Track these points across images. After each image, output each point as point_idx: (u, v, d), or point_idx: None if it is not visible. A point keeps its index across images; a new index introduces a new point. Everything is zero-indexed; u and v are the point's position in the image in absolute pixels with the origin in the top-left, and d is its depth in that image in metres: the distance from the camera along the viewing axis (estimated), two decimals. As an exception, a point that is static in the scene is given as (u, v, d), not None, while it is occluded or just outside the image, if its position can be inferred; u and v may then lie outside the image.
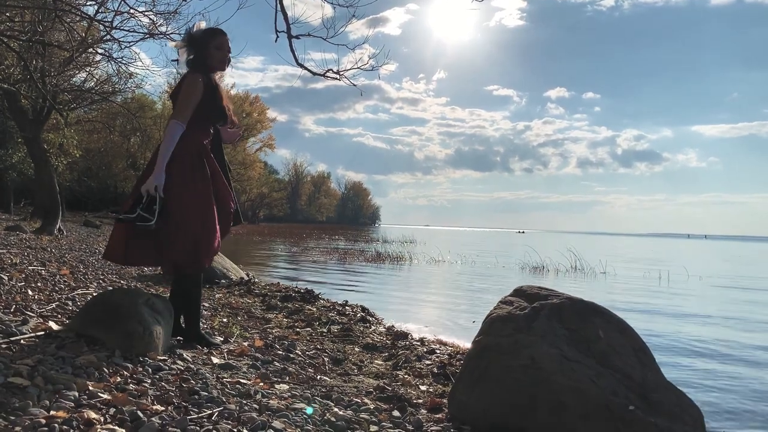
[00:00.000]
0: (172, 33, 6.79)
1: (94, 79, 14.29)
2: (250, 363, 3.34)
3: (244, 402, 2.52)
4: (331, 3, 5.60)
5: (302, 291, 7.21)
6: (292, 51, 5.71)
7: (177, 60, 3.57)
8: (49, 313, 3.75)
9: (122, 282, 6.44)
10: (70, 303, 4.26)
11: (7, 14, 6.71)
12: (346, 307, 6.41)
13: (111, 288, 5.83)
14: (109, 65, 11.01)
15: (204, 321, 4.81)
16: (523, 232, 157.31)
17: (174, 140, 3.27)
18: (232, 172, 3.85)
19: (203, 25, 3.58)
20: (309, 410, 2.52)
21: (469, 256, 21.46)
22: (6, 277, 4.92)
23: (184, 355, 3.23)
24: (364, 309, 6.47)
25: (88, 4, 7.97)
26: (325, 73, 5.72)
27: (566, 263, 16.35)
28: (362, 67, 5.69)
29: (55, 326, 3.24)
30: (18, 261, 6.56)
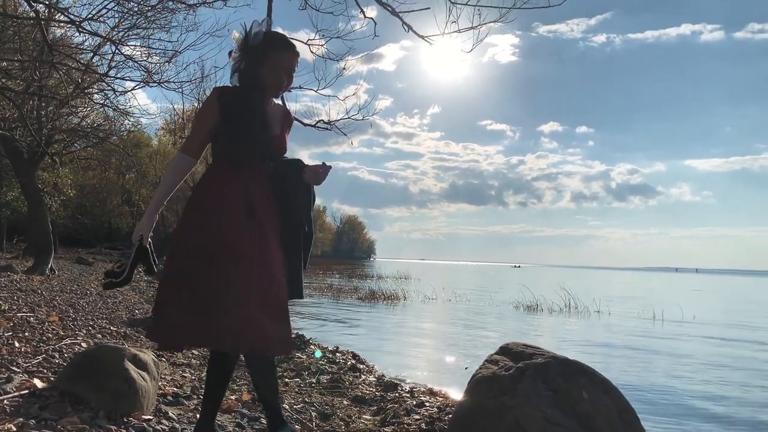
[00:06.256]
0: (165, 82, 6.92)
1: (90, 120, 14.41)
2: (237, 421, 3.32)
3: (227, 467, 2.50)
4: (323, 57, 5.74)
5: (293, 336, 7.17)
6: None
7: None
8: (34, 368, 3.72)
9: (112, 328, 6.39)
10: (56, 355, 4.23)
11: (4, 63, 6.83)
12: (337, 354, 6.37)
13: (100, 335, 5.80)
14: (105, 108, 11.14)
15: (192, 371, 4.78)
16: (519, 267, 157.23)
17: (172, 174, 2.59)
18: (312, 232, 2.73)
19: (265, 26, 2.62)
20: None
21: (464, 293, 21.39)
22: (-7, 327, 4.90)
23: (170, 414, 3.21)
24: (354, 356, 6.43)
25: (85, 49, 8.13)
26: (316, 124, 5.83)
27: (560, 302, 16.32)
28: (353, 117, 5.81)
29: (39, 384, 3.22)
30: (7, 307, 6.52)
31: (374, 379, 5.35)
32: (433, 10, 5.62)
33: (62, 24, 6.75)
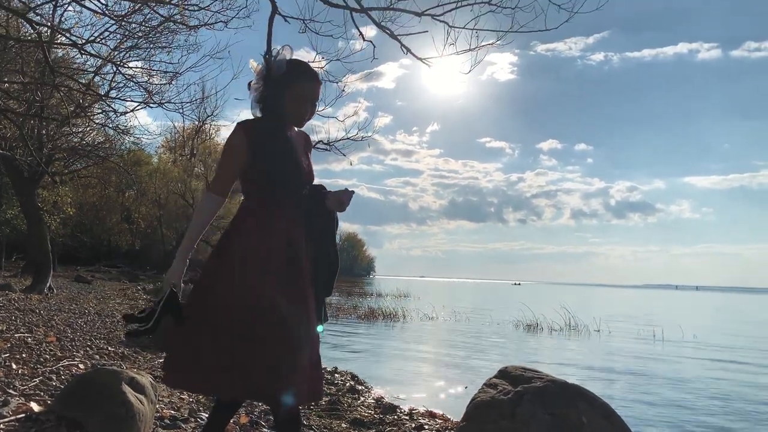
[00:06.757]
0: (166, 102, 6.98)
1: (90, 139, 14.48)
2: (234, 445, 3.29)
3: (224, 494, 2.48)
4: (323, 78, 5.78)
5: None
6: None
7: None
8: (31, 391, 3.71)
9: (110, 348, 6.37)
10: (54, 377, 4.22)
11: (6, 84, 6.88)
12: (336, 375, 6.34)
13: (98, 356, 5.78)
14: (105, 128, 11.21)
15: (190, 395, 4.75)
16: (519, 284, 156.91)
17: (202, 215, 2.43)
18: (337, 258, 2.62)
19: (287, 53, 2.48)
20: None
21: (463, 312, 21.31)
22: (-9, 349, 4.88)
23: (167, 438, 3.19)
24: (353, 377, 6.40)
25: (86, 70, 8.20)
26: (315, 145, 5.85)
27: (560, 321, 16.26)
28: (352, 138, 5.85)
29: (36, 407, 3.21)
30: (4, 327, 6.50)
31: (373, 401, 5.32)
32: (431, 33, 5.67)
33: (64, 46, 6.82)
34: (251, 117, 2.55)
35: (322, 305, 2.51)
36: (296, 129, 2.59)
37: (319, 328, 2.27)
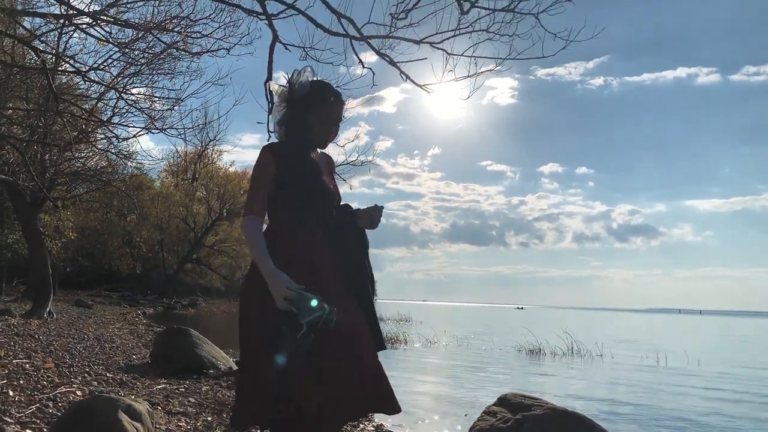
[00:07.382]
0: (168, 128, 7.06)
1: (92, 163, 14.57)
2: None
3: None
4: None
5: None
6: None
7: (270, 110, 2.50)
8: (28, 418, 3.68)
9: (108, 374, 6.33)
10: (51, 404, 4.19)
11: (10, 110, 6.96)
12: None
13: (96, 382, 5.74)
14: (108, 153, 11.30)
15: (188, 420, 4.71)
16: (522, 308, 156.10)
17: (253, 240, 2.30)
18: (372, 275, 2.61)
19: (309, 74, 2.52)
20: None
21: (466, 337, 21.20)
22: (-12, 375, 4.86)
23: (163, 467, 3.16)
24: (353, 403, 6.32)
25: (89, 96, 8.29)
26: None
27: (563, 346, 16.14)
28: (351, 162, 5.89)
29: (31, 436, 3.18)
30: (2, 353, 6.47)
31: (373, 428, 5.26)
32: (431, 60, 5.72)
33: (68, 73, 6.91)
34: (275, 141, 2.53)
35: (377, 325, 2.54)
36: (319, 151, 2.57)
37: (314, 302, 2.17)
